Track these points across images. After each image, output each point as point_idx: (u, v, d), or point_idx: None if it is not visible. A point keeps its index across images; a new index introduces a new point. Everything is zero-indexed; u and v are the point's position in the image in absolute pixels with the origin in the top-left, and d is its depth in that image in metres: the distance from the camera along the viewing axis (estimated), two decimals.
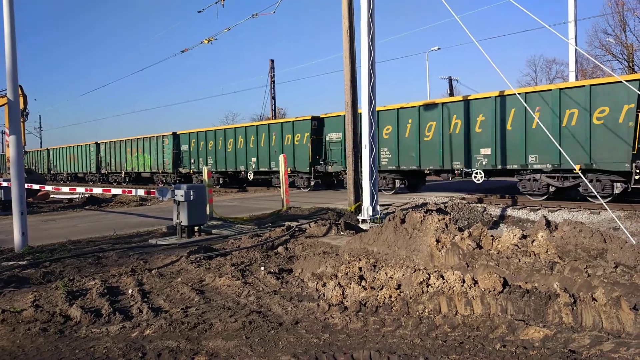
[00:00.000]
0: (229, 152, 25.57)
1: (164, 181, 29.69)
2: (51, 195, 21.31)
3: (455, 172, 17.04)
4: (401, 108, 18.07)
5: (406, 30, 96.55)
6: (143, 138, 31.72)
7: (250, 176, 24.57)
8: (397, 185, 19.15)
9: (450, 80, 43.08)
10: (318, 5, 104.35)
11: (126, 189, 12.72)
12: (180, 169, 28.90)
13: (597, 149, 13.24)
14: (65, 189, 16.49)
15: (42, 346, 4.40)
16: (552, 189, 14.53)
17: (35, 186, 17.06)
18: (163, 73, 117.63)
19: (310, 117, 21.72)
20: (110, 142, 35.09)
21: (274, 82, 38.45)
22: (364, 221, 11.37)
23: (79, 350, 4.27)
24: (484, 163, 15.78)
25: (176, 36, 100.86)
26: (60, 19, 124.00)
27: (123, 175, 33.97)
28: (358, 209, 12.34)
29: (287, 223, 10.76)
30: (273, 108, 39.01)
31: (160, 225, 11.45)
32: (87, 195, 19.42)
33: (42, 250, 8.64)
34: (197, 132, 27.69)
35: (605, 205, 8.91)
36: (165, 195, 9.61)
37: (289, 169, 22.89)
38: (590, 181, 13.36)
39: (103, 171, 36.15)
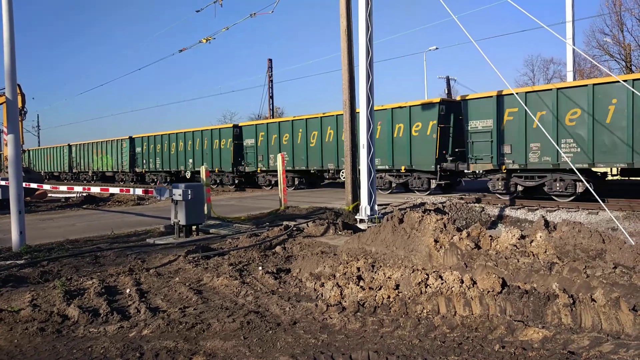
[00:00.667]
0: (172, 154, 29.76)
1: (134, 179, 33.68)
2: (49, 194, 21.25)
3: (330, 172, 21.27)
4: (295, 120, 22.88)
5: (404, 30, 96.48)
6: (105, 141, 35.84)
7: (188, 175, 28.44)
8: (296, 182, 22.91)
9: (448, 79, 43.11)
10: (316, 4, 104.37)
11: (124, 188, 12.68)
12: (136, 169, 33.13)
13: (416, 154, 17.84)
14: (63, 187, 16.47)
15: (39, 346, 4.38)
16: (394, 185, 19.22)
17: (33, 185, 17.01)
18: (161, 72, 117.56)
19: (232, 125, 26.39)
20: (80, 144, 39.33)
21: (271, 81, 38.42)
22: (361, 221, 11.36)
23: (76, 350, 4.25)
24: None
25: (174, 36, 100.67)
26: (58, 18, 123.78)
27: (90, 174, 37.98)
28: (356, 209, 12.33)
29: (284, 222, 10.75)
30: (271, 107, 38.99)
31: (158, 224, 11.42)
32: (84, 194, 19.37)
33: (39, 249, 8.61)
34: (148, 136, 31.84)
35: (604, 206, 8.92)
36: (163, 194, 9.59)
37: (216, 169, 25.97)
38: (413, 178, 18.33)
39: (74, 170, 40.05)
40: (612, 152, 13.20)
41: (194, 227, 9.82)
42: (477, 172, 17.30)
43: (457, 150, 17.34)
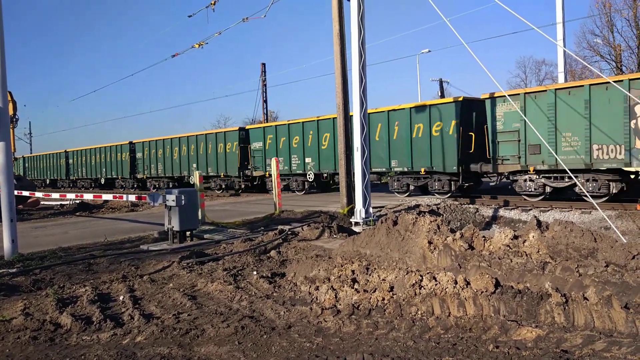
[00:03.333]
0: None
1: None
2: (41, 202, 21.10)
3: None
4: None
5: (396, 33, 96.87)
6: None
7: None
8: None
9: (441, 82, 43.33)
10: (309, 8, 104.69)
11: (117, 195, 12.62)
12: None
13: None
14: (56, 195, 16.36)
15: (32, 355, 4.34)
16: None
17: (25, 193, 16.90)
18: (154, 78, 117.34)
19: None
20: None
21: (265, 85, 38.49)
22: (356, 224, 11.37)
23: (69, 358, 4.22)
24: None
25: (167, 41, 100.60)
26: (50, 25, 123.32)
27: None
28: (351, 212, 12.34)
29: (279, 227, 10.74)
30: (265, 111, 39.04)
31: (151, 230, 11.37)
32: (77, 202, 19.25)
33: (32, 257, 8.55)
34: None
35: (596, 205, 8.99)
36: (157, 200, 9.55)
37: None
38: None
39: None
40: None
41: (188, 233, 9.79)
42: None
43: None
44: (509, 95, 14.09)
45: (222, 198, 23.54)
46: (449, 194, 17.16)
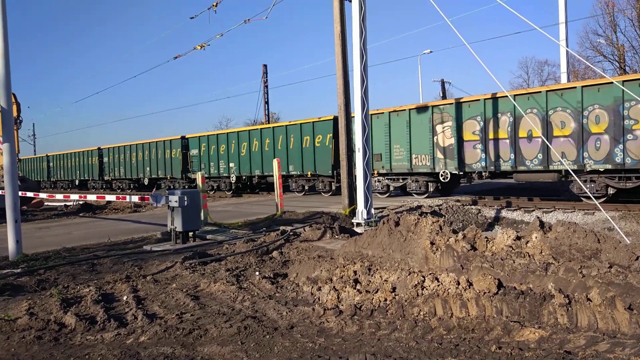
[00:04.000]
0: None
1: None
2: (45, 203, 21.19)
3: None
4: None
5: (398, 34, 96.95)
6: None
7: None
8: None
9: (442, 82, 43.28)
10: (310, 10, 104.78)
11: (120, 196, 12.66)
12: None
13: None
14: (59, 196, 16.43)
15: (36, 354, 4.36)
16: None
17: (29, 194, 16.95)
18: (156, 79, 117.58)
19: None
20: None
21: (267, 87, 38.55)
22: (358, 224, 11.38)
23: (73, 357, 4.24)
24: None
25: (169, 42, 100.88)
26: (52, 27, 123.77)
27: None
28: (352, 213, 12.35)
29: (281, 227, 10.75)
30: (266, 113, 39.09)
31: (154, 231, 11.41)
32: (81, 202, 19.31)
33: (36, 258, 8.58)
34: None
35: (599, 206, 8.97)
36: (160, 201, 9.58)
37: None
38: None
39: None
40: None
41: (190, 234, 9.81)
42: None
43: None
44: (372, 115, 17.52)
45: (224, 199, 23.58)
46: (330, 192, 20.49)
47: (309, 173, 21.19)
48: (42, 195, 18.09)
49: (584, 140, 13.39)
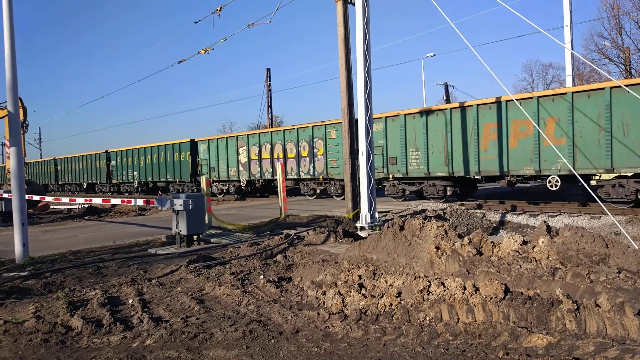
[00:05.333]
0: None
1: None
2: (51, 206, 21.28)
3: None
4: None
5: (401, 37, 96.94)
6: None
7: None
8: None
9: (446, 86, 43.21)
10: (314, 13, 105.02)
11: (125, 199, 12.70)
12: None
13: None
14: (65, 199, 16.50)
15: (43, 357, 4.37)
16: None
17: (36, 197, 17.04)
18: (161, 83, 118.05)
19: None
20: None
21: (270, 90, 38.64)
22: (362, 228, 11.35)
23: None
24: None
25: (173, 47, 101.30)
26: (57, 32, 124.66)
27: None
28: (356, 216, 12.32)
29: (285, 231, 10.75)
30: (269, 116, 39.15)
31: (159, 234, 11.43)
32: (86, 206, 19.39)
33: (43, 261, 8.62)
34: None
35: (606, 210, 8.91)
36: (164, 204, 9.60)
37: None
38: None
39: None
40: None
41: (195, 237, 9.83)
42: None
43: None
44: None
45: (228, 202, 23.62)
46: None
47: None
48: (48, 199, 18.17)
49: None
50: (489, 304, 4.72)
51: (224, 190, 26.37)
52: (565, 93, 13.66)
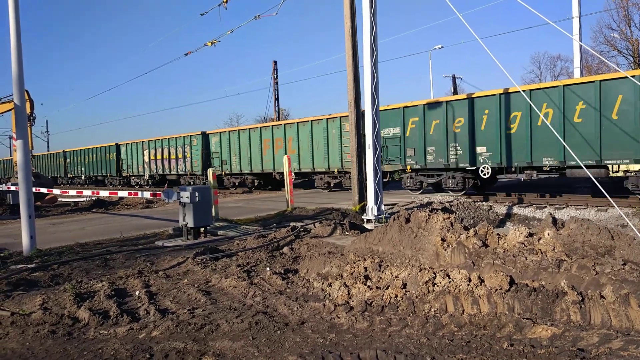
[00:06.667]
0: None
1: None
2: (59, 199, 21.45)
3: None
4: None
5: (408, 29, 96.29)
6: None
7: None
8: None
9: (454, 78, 42.89)
10: (320, 5, 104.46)
11: (132, 192, 12.78)
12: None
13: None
14: (73, 192, 16.61)
15: (51, 348, 4.43)
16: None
17: (43, 190, 17.18)
18: (167, 76, 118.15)
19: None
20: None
21: (277, 83, 38.58)
22: (368, 221, 11.36)
23: (87, 351, 4.30)
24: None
25: (179, 39, 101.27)
26: (64, 25, 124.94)
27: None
28: (362, 209, 12.33)
29: (292, 223, 10.77)
30: (276, 109, 39.12)
31: (166, 227, 11.50)
32: (94, 198, 19.53)
33: (50, 253, 8.70)
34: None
35: (613, 203, 8.85)
36: (171, 197, 9.64)
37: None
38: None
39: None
40: None
41: (202, 229, 9.88)
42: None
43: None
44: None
45: (235, 195, 23.69)
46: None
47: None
48: (56, 192, 18.32)
49: None
50: (494, 295, 4.72)
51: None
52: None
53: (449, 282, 5.08)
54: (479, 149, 15.61)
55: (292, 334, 4.52)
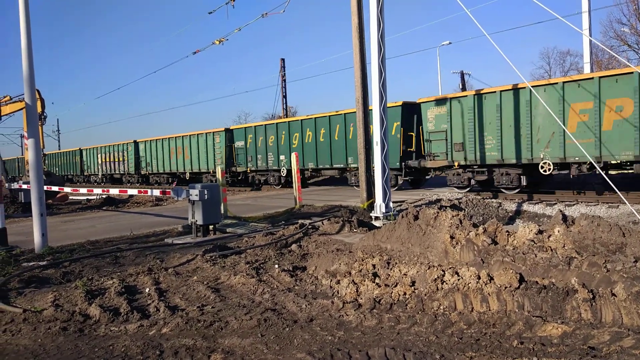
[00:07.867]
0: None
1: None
2: (70, 197, 21.67)
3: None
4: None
5: (416, 25, 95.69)
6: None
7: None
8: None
9: (462, 74, 42.62)
10: (328, 2, 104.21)
11: (142, 190, 12.87)
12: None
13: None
14: (83, 190, 16.77)
15: (62, 345, 4.48)
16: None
17: (55, 188, 17.36)
18: (176, 74, 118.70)
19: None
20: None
21: (284, 80, 38.57)
22: (376, 218, 11.34)
23: (98, 348, 4.34)
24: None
25: (188, 37, 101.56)
26: (74, 25, 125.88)
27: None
28: (371, 206, 12.31)
29: (300, 221, 10.79)
30: (284, 107, 39.14)
31: (176, 224, 11.57)
32: (104, 196, 19.70)
33: (61, 250, 8.80)
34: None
35: (624, 199, 8.75)
36: (181, 195, 9.70)
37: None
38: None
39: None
40: None
41: (211, 227, 9.93)
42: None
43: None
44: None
45: (243, 192, 23.76)
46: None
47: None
48: (67, 190, 18.51)
49: None
50: (503, 293, 4.69)
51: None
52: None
53: (458, 279, 5.06)
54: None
55: (301, 331, 4.53)
